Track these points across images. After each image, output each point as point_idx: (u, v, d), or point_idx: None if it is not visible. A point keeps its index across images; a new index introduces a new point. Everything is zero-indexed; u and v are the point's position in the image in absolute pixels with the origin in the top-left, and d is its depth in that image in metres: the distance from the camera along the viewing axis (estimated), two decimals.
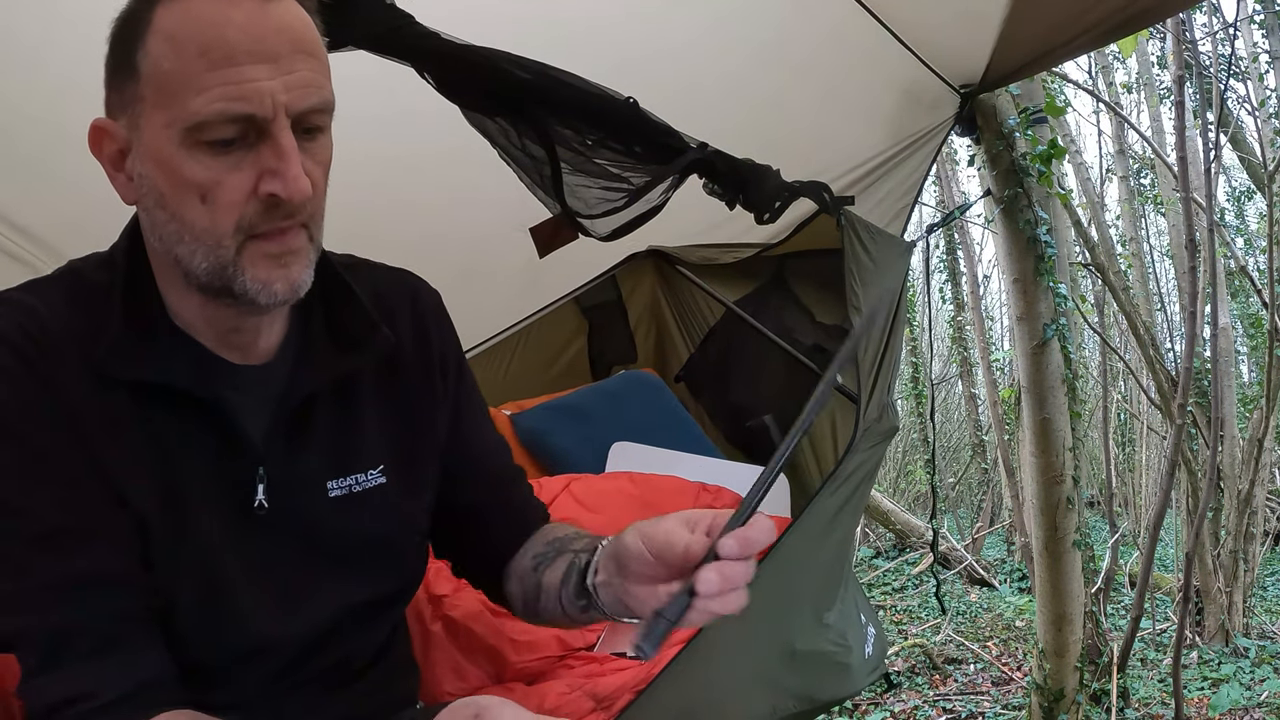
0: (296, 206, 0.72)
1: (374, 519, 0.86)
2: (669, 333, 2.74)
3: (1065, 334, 2.85)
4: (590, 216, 1.48)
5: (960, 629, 5.30)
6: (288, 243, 0.73)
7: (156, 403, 0.76)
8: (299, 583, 0.83)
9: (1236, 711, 3.72)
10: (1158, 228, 8.58)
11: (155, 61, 0.69)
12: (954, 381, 9.66)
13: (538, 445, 2.18)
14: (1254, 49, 5.97)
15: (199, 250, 0.72)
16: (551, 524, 0.99)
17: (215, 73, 0.67)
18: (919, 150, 2.33)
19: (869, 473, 1.75)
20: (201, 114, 0.67)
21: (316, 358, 0.84)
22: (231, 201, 0.70)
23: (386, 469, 0.87)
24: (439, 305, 0.95)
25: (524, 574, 0.93)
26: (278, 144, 0.69)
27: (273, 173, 0.70)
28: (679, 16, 1.77)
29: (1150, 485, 7.37)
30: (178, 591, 0.76)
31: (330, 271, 0.85)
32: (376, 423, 0.87)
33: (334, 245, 0.89)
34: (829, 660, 1.57)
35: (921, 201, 2.60)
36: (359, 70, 1.35)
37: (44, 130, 1.42)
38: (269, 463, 0.80)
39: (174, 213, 0.72)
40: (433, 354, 0.92)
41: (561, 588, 0.86)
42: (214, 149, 0.69)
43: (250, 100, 0.68)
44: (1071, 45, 2.00)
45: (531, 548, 0.95)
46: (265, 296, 0.73)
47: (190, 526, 0.77)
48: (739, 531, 0.68)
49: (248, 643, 0.80)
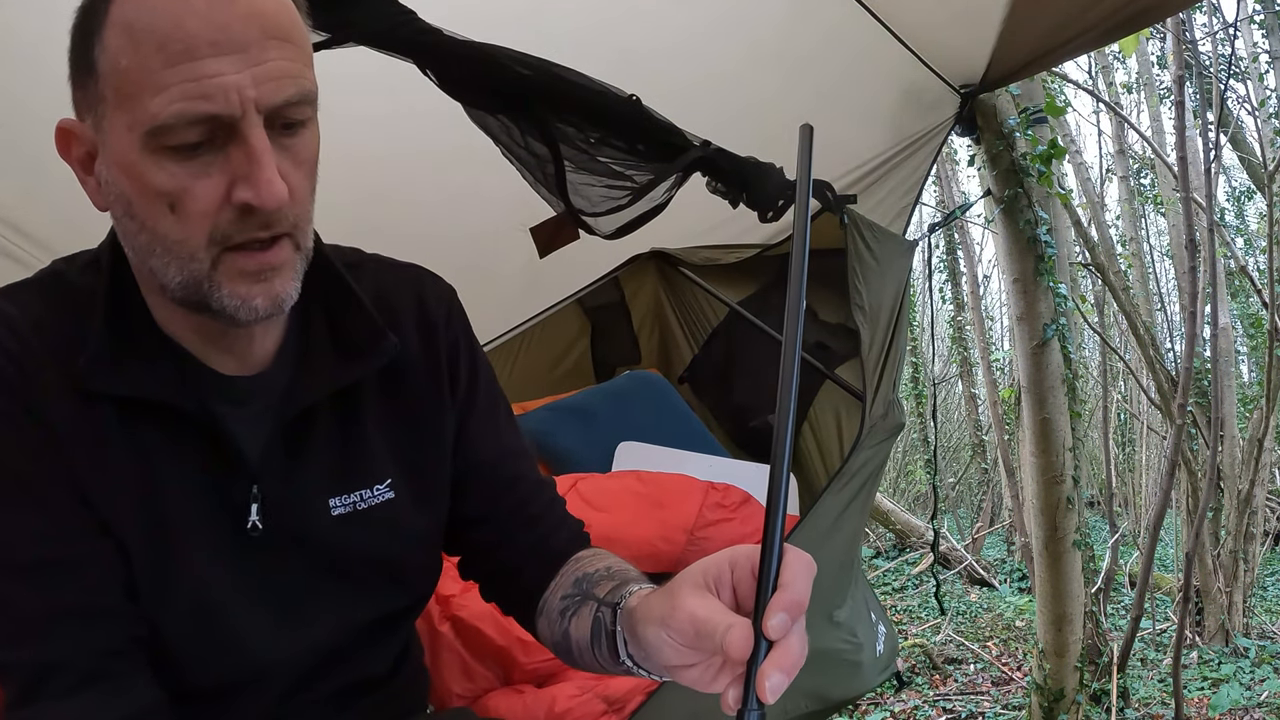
0: (274, 215, 0.65)
1: (381, 537, 0.81)
2: (672, 334, 2.74)
3: (1065, 334, 2.85)
4: (594, 214, 1.48)
5: (960, 629, 5.30)
6: (268, 260, 0.66)
7: (144, 417, 0.71)
8: (299, 603, 0.78)
9: (1236, 711, 3.72)
10: (1158, 228, 8.60)
11: (112, 58, 0.62)
12: (954, 381, 9.67)
13: (542, 446, 2.18)
14: (1254, 49, 5.98)
15: (172, 263, 0.66)
16: (583, 554, 0.87)
17: (174, 69, 0.60)
18: (919, 150, 2.33)
19: (875, 470, 1.75)
20: (161, 116, 0.61)
21: (316, 366, 0.78)
22: (202, 211, 0.64)
23: (395, 483, 0.81)
24: (450, 301, 0.88)
25: (552, 618, 0.83)
26: (248, 145, 0.62)
27: (244, 178, 0.63)
28: (681, 15, 1.76)
29: (1150, 485, 7.37)
30: (168, 615, 0.72)
31: (332, 273, 0.80)
32: (382, 434, 0.82)
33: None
34: (840, 659, 1.56)
35: (922, 201, 2.60)
36: (360, 68, 1.35)
37: (44, 130, 1.40)
38: (264, 480, 0.75)
39: (143, 223, 0.66)
40: (440, 356, 0.85)
41: (594, 646, 0.75)
42: (179, 154, 0.62)
43: (213, 98, 0.60)
44: (1072, 45, 2.00)
45: (561, 586, 0.84)
46: (245, 313, 0.67)
47: (181, 548, 0.72)
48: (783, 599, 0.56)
49: (246, 666, 0.76)
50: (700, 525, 1.69)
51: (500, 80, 1.32)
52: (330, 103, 1.88)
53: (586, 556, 0.86)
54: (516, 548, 0.88)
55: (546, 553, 0.87)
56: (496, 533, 0.88)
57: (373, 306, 0.80)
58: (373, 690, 0.87)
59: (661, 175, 1.50)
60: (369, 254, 0.88)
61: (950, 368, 9.52)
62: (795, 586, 0.57)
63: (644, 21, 1.74)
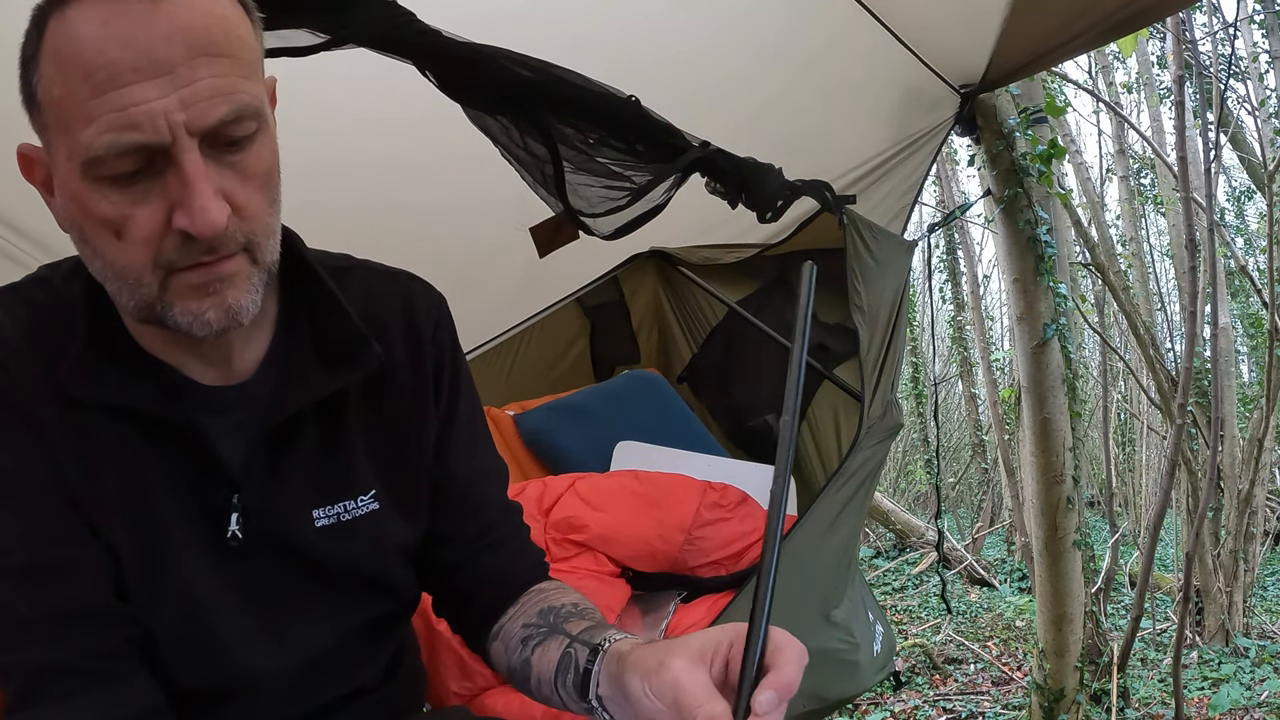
0: (217, 240, 0.63)
1: (365, 548, 0.80)
2: (671, 333, 2.75)
3: (1065, 334, 2.85)
4: (593, 215, 1.48)
5: (960, 629, 5.30)
6: (215, 271, 0.65)
7: (128, 425, 0.71)
8: (283, 612, 0.78)
9: (1236, 711, 3.72)
10: (1158, 228, 8.60)
11: (47, 87, 0.61)
12: (954, 381, 9.67)
13: (541, 445, 2.18)
14: (1254, 49, 5.98)
15: (123, 288, 0.66)
16: (545, 585, 0.87)
17: (100, 99, 0.58)
18: (919, 150, 2.33)
19: (874, 470, 1.75)
20: (93, 148, 0.59)
21: (299, 376, 0.76)
22: (144, 237, 0.63)
23: (379, 494, 0.81)
24: (439, 311, 0.86)
25: (511, 644, 0.83)
26: (182, 172, 0.60)
27: (180, 205, 0.61)
28: (681, 16, 1.77)
29: (1150, 485, 7.37)
30: (156, 621, 0.72)
31: (317, 281, 0.78)
32: (367, 444, 0.81)
33: (334, 248, 0.86)
34: (837, 658, 1.56)
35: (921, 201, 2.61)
36: (360, 70, 1.35)
37: None
38: (246, 490, 0.74)
39: (94, 249, 0.65)
40: (427, 368, 0.84)
41: (558, 679, 0.75)
42: (118, 183, 0.61)
43: (141, 127, 0.59)
44: (1071, 45, 2.00)
45: (523, 614, 0.84)
46: (199, 328, 0.66)
47: (166, 555, 0.72)
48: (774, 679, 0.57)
49: (232, 673, 0.76)
50: (698, 525, 1.69)
51: (500, 81, 1.32)
52: (331, 104, 1.89)
53: (549, 589, 0.86)
54: (476, 572, 0.88)
55: (505, 581, 0.87)
56: (458, 554, 0.88)
57: (360, 314, 0.79)
58: (365, 696, 0.86)
59: (660, 176, 1.50)
60: (358, 259, 0.87)
61: (950, 368, 9.52)
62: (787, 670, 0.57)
63: (645, 25, 1.75)
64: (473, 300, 1.64)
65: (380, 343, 0.79)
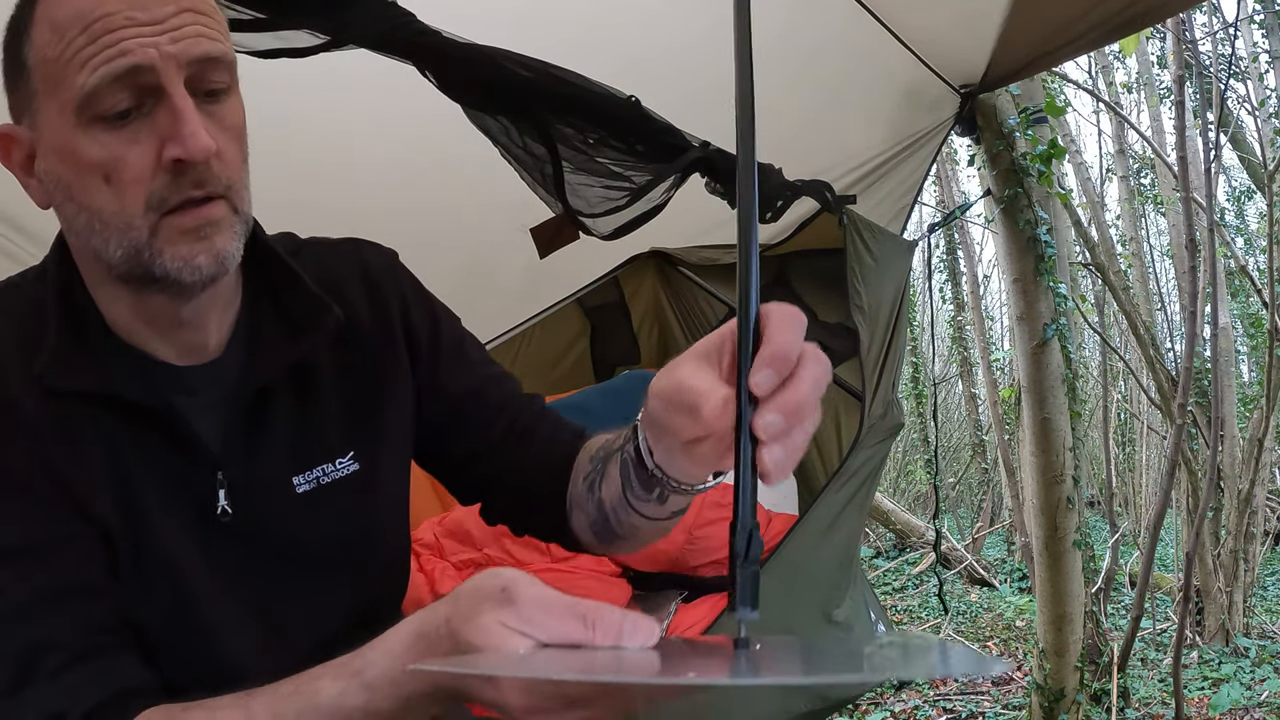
0: (206, 172, 0.67)
1: (347, 512, 0.82)
2: (672, 333, 2.75)
3: (1065, 334, 2.86)
4: (592, 215, 1.48)
5: (960, 629, 5.30)
6: (205, 214, 0.69)
7: (108, 413, 0.72)
8: (275, 597, 0.78)
9: (1237, 711, 3.72)
10: (1158, 228, 8.60)
11: (40, 51, 0.67)
12: (954, 381, 9.67)
13: None
14: (1254, 49, 5.98)
15: (112, 237, 0.69)
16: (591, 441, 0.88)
17: (95, 43, 0.65)
18: (919, 150, 2.33)
19: (874, 469, 1.75)
20: (88, 84, 0.65)
21: (267, 348, 0.79)
22: (136, 178, 0.67)
23: (357, 455, 0.82)
24: (392, 265, 0.89)
25: (582, 500, 0.83)
26: (172, 104, 0.66)
27: (171, 137, 0.66)
28: (680, 16, 1.77)
29: (1150, 485, 7.37)
30: (145, 608, 0.73)
31: (274, 258, 0.81)
32: (340, 407, 0.83)
33: None
34: None
35: (921, 201, 2.61)
36: (360, 70, 1.35)
37: None
38: (228, 466, 0.76)
39: (82, 202, 0.69)
40: (392, 317, 0.86)
41: (625, 492, 0.75)
42: (110, 124, 0.66)
43: (132, 53, 0.64)
44: (1072, 45, 2.00)
45: (580, 471, 0.85)
46: (189, 273, 0.69)
47: (153, 540, 0.73)
48: (764, 355, 0.53)
49: (224, 663, 0.75)
50: (699, 524, 1.69)
51: (500, 82, 1.33)
52: (331, 104, 1.89)
53: (597, 439, 0.86)
54: (524, 465, 0.89)
55: (554, 458, 0.88)
56: (497, 460, 0.89)
57: (318, 283, 0.82)
58: None
59: (660, 176, 1.50)
60: (306, 238, 0.89)
61: (950, 368, 9.52)
62: (777, 340, 0.53)
63: (645, 25, 1.75)
64: (473, 301, 1.64)
65: (342, 306, 0.82)
